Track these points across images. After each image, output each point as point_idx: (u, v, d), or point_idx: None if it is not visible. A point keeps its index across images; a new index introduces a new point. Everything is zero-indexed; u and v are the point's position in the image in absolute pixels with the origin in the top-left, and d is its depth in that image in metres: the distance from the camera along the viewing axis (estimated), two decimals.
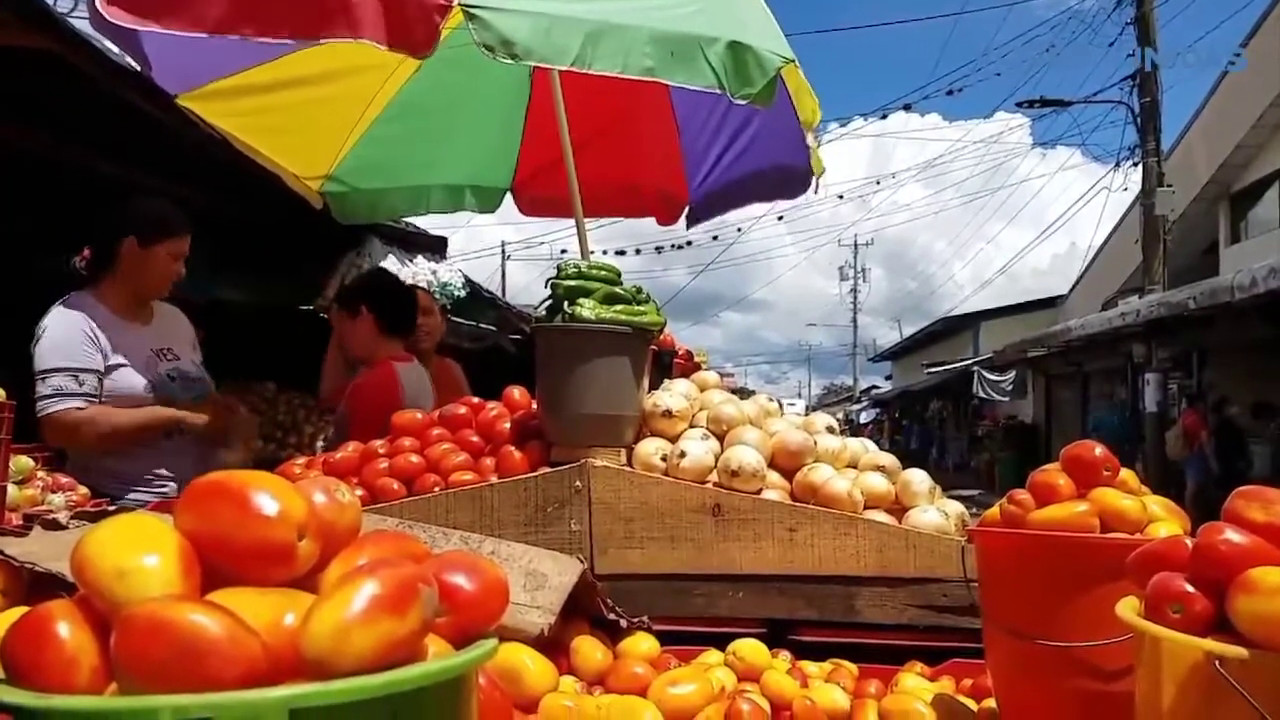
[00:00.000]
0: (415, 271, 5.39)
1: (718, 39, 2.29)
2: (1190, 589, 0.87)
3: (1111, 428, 15.90)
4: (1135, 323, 12.88)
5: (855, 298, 52.13)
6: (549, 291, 2.13)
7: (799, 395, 71.49)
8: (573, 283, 2.11)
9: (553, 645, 1.31)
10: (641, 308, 2.13)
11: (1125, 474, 1.32)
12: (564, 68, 2.19)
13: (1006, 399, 21.01)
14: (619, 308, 2.09)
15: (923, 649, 1.86)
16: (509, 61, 2.11)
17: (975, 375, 20.96)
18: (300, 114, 3.58)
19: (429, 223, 6.29)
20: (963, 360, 23.89)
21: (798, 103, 3.71)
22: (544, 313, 2.12)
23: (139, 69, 3.00)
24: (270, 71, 3.22)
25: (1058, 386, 21.34)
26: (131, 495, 2.74)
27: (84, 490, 2.62)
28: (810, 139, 3.96)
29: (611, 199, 4.84)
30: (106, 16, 2.04)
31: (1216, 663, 0.80)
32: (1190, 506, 12.72)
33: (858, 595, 1.93)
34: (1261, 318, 11.40)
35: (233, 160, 3.38)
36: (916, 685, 1.57)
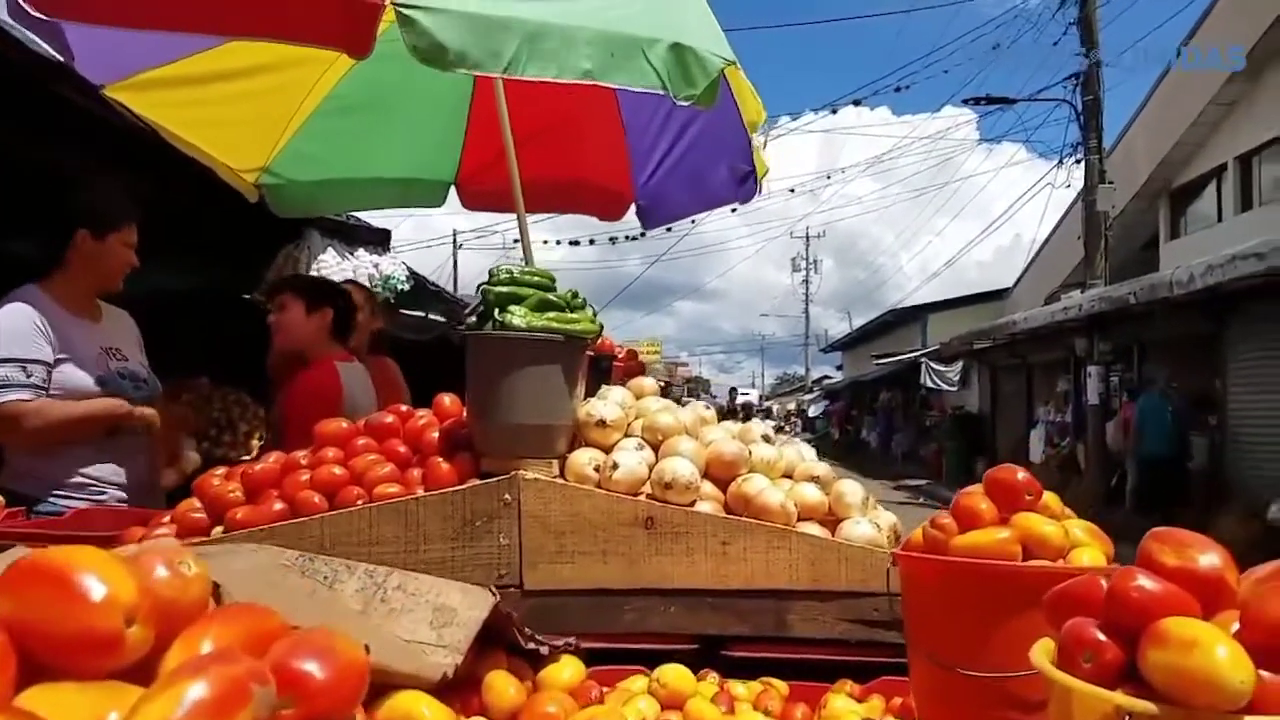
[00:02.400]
0: (356, 265, 5.26)
1: (659, 40, 2.26)
2: (1102, 637, 0.85)
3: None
4: (1077, 317, 13.14)
5: (807, 289, 52.63)
6: (479, 298, 2.07)
7: (753, 385, 72.04)
8: (504, 289, 2.06)
9: (466, 680, 1.26)
10: (574, 315, 2.08)
11: (1048, 498, 1.31)
12: (496, 74, 2.14)
13: (954, 389, 21.34)
14: (551, 315, 2.03)
15: (855, 664, 1.85)
16: (441, 70, 2.06)
17: (923, 366, 21.25)
18: (233, 107, 3.48)
19: (375, 213, 6.17)
20: (911, 351, 24.21)
21: (741, 103, 3.69)
22: (474, 320, 2.06)
23: (61, 59, 2.88)
24: (201, 63, 3.11)
25: (1003, 377, 21.70)
26: (53, 499, 2.63)
27: None
28: (755, 139, 3.95)
29: (556, 194, 4.80)
30: (27, 9, 1.95)
31: (1126, 718, 0.78)
32: (1132, 498, 12.95)
33: (790, 609, 1.91)
34: (1199, 313, 11.70)
35: (165, 146, 3.26)
36: (844, 708, 1.55)
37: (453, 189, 4.61)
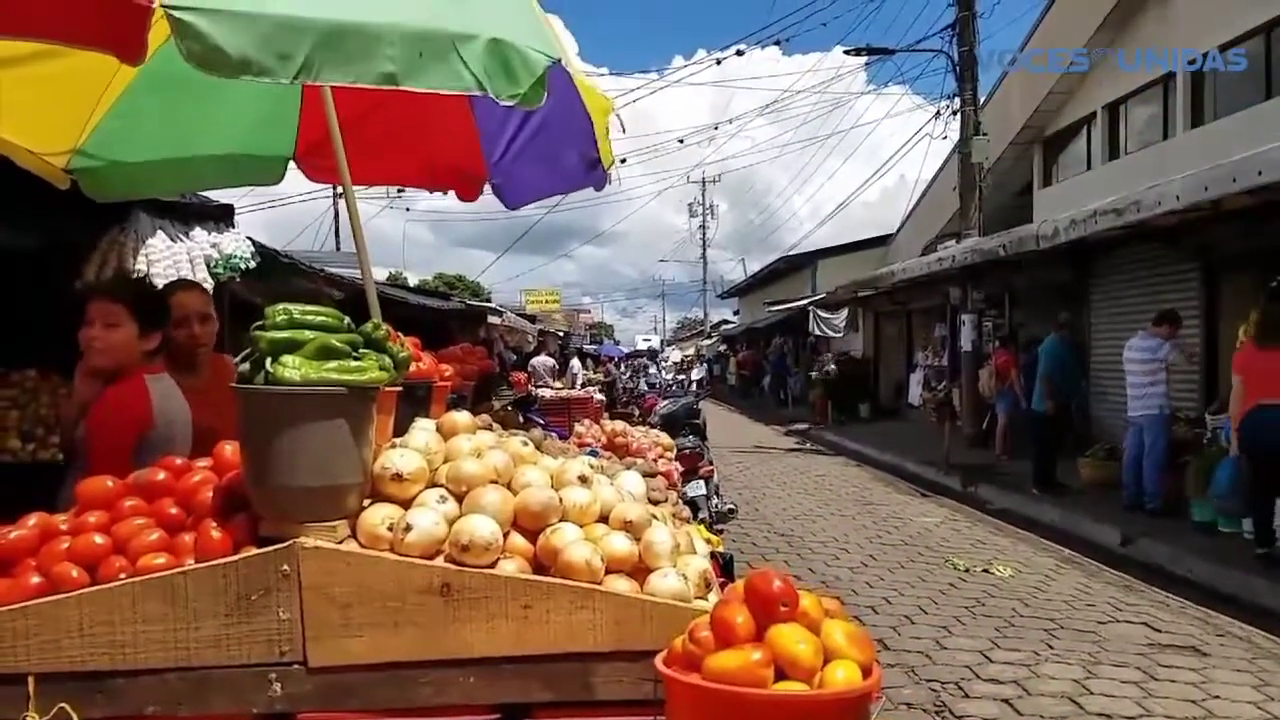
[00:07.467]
0: (190, 247, 4.88)
1: (475, 36, 2.06)
2: None
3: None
4: (951, 267, 13.51)
5: (704, 235, 52.86)
6: (251, 345, 1.87)
7: (654, 330, 72.33)
8: (282, 334, 1.86)
9: None
10: (360, 364, 1.90)
11: (808, 603, 1.24)
12: (285, 81, 1.92)
13: (839, 335, 21.82)
14: (333, 365, 1.85)
15: None
16: (224, 77, 1.85)
17: (810, 314, 21.62)
18: (32, 88, 3.11)
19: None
20: (801, 299, 24.60)
21: (583, 93, 3.53)
22: (246, 368, 1.86)
23: None
24: None
25: (885, 324, 22.37)
26: None
27: None
28: (601, 131, 3.78)
29: (407, 170, 4.65)
30: None
31: None
32: (1001, 439, 13.44)
33: (594, 672, 1.82)
34: (1064, 263, 12.18)
35: None
36: None
37: (293, 163, 4.36)
